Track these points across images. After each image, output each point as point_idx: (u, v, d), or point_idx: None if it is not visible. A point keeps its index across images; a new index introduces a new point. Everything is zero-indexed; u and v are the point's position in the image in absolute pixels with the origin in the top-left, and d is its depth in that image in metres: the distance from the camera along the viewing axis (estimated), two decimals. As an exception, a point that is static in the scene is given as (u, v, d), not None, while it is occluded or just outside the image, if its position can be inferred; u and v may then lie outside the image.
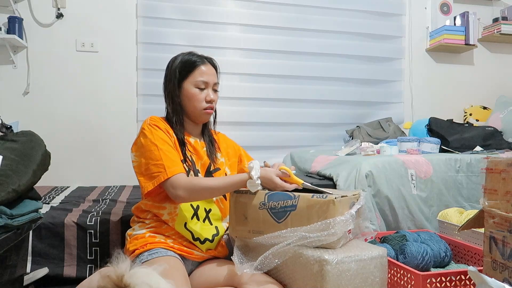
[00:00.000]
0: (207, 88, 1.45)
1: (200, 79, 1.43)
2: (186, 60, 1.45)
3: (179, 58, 1.47)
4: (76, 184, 2.55)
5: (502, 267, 1.11)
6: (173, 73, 1.45)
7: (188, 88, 1.44)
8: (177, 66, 1.45)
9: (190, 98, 1.44)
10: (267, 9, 2.96)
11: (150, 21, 2.76)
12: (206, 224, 1.43)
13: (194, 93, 1.43)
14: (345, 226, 1.15)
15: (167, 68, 1.49)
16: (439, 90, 3.34)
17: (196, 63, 1.44)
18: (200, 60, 1.45)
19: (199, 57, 1.46)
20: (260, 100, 2.93)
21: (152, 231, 1.38)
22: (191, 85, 1.43)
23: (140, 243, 1.35)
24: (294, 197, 1.22)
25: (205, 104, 1.45)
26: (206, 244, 1.40)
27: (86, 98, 2.69)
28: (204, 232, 1.41)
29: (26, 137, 1.35)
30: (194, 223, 1.40)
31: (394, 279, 1.38)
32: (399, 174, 1.99)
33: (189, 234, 1.38)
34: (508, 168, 1.10)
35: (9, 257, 1.24)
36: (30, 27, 2.61)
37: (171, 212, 1.38)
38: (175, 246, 1.35)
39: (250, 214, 1.29)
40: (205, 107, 1.45)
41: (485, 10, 3.40)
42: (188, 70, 1.44)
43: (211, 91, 1.46)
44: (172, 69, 1.46)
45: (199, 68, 1.44)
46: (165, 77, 1.50)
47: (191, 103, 1.44)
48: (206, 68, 1.45)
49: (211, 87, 1.46)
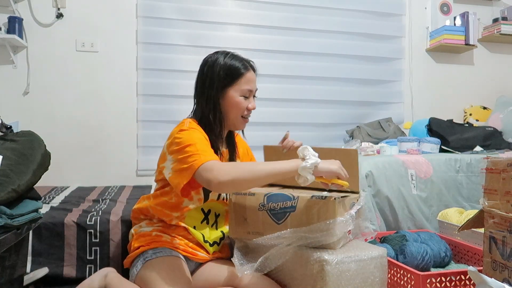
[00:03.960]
0: (250, 96, 1.40)
1: (246, 87, 1.37)
2: (230, 65, 1.37)
3: (220, 61, 1.37)
4: (76, 184, 2.55)
5: (502, 267, 1.11)
6: (216, 77, 1.35)
7: (233, 96, 1.36)
8: (221, 70, 1.36)
9: (234, 106, 1.37)
10: (267, 9, 2.96)
11: (150, 21, 2.76)
12: (213, 229, 1.44)
13: (239, 101, 1.37)
14: (345, 226, 1.15)
15: (205, 69, 1.39)
16: (439, 90, 3.34)
17: (242, 70, 1.37)
18: (245, 67, 1.38)
19: (242, 63, 1.39)
20: (260, 100, 2.90)
21: (159, 230, 1.38)
22: (237, 93, 1.36)
23: (146, 241, 1.35)
24: (293, 198, 1.22)
25: (246, 112, 1.40)
26: (214, 247, 1.42)
27: (86, 98, 2.69)
28: (212, 236, 1.42)
29: (26, 137, 1.35)
30: (203, 227, 1.40)
31: (394, 279, 1.38)
32: (399, 174, 1.99)
33: (200, 236, 1.39)
34: (508, 168, 1.10)
35: (9, 257, 1.24)
36: (30, 27, 2.61)
37: (180, 216, 1.38)
38: (180, 246, 1.35)
39: (250, 216, 1.29)
40: (245, 115, 1.41)
41: (485, 10, 3.40)
42: (234, 77, 1.36)
43: (252, 99, 1.42)
44: (215, 73, 1.36)
45: (244, 75, 1.37)
46: (202, 79, 1.39)
47: (233, 111, 1.38)
48: (250, 75, 1.39)
49: (253, 94, 1.42)
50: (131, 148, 2.76)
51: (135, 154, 2.76)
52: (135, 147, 2.76)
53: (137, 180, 2.72)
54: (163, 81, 2.78)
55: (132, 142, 2.76)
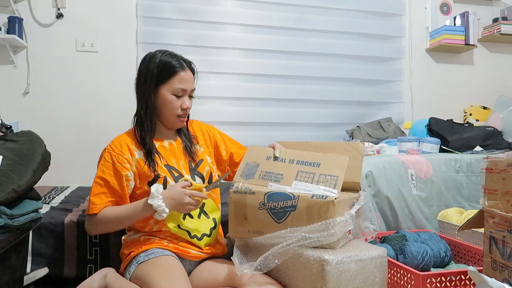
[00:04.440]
0: (184, 96, 1.40)
1: (178, 86, 1.37)
2: (165, 63, 1.37)
3: (157, 58, 1.38)
4: (76, 184, 2.55)
5: (502, 267, 1.11)
6: (150, 73, 1.37)
7: (165, 94, 1.37)
8: (155, 67, 1.37)
9: (166, 105, 1.38)
10: (267, 9, 2.95)
11: (150, 21, 2.76)
12: (202, 219, 1.42)
13: (170, 100, 1.38)
14: (345, 226, 1.15)
15: (142, 64, 1.41)
16: (439, 90, 3.34)
17: (176, 69, 1.37)
18: (180, 66, 1.38)
19: (178, 61, 1.38)
20: (260, 100, 2.93)
21: (146, 234, 1.38)
22: (168, 91, 1.37)
23: (135, 245, 1.35)
24: (294, 197, 1.22)
25: (180, 111, 1.40)
26: (204, 240, 1.39)
27: (86, 98, 2.69)
28: (200, 228, 1.40)
29: (26, 137, 1.35)
30: (188, 222, 1.38)
31: (394, 279, 1.38)
32: (399, 174, 1.99)
33: (185, 233, 1.37)
34: (508, 168, 1.10)
35: (9, 257, 1.24)
36: (30, 27, 2.61)
37: (158, 221, 1.36)
38: (170, 245, 1.35)
39: (250, 214, 1.29)
40: (180, 114, 1.40)
41: (485, 10, 3.40)
42: (167, 74, 1.36)
43: (187, 99, 1.40)
44: (149, 69, 1.37)
45: (178, 74, 1.37)
46: (138, 74, 1.41)
47: (166, 109, 1.39)
48: (185, 75, 1.38)
49: (188, 94, 1.41)
50: (131, 148, 2.75)
51: (135, 154, 2.75)
52: (135, 147, 2.76)
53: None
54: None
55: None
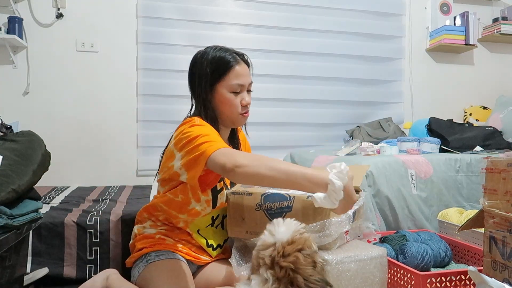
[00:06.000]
0: (242, 91, 1.31)
1: (235, 82, 1.28)
2: (218, 59, 1.28)
3: (208, 55, 1.29)
4: (76, 184, 2.55)
5: (502, 267, 1.10)
6: (203, 73, 1.28)
7: (223, 93, 1.28)
8: (208, 66, 1.27)
9: (225, 104, 1.29)
10: (267, 9, 2.96)
11: (150, 21, 2.76)
12: (219, 229, 1.41)
13: (229, 98, 1.29)
14: (340, 227, 1.14)
15: (193, 65, 1.32)
16: (439, 90, 3.34)
17: (231, 64, 1.28)
18: (234, 59, 1.29)
19: (232, 55, 1.29)
20: (260, 100, 2.93)
21: (163, 233, 1.35)
22: (226, 89, 1.28)
23: (149, 243, 1.33)
24: (289, 198, 1.21)
25: (241, 108, 1.31)
26: (217, 251, 1.40)
27: (86, 98, 2.69)
28: (216, 239, 1.40)
29: (26, 137, 1.35)
30: (208, 230, 1.38)
31: (394, 279, 1.38)
32: (399, 174, 1.98)
33: (204, 241, 1.36)
34: (508, 168, 1.10)
35: (9, 257, 1.24)
36: (30, 27, 2.61)
37: (186, 219, 1.35)
38: (183, 250, 1.34)
39: (247, 215, 1.29)
40: (242, 112, 1.32)
41: (485, 10, 3.40)
42: (222, 71, 1.27)
43: (245, 94, 1.32)
44: (202, 68, 1.28)
45: (234, 69, 1.28)
46: (191, 75, 1.32)
47: (226, 109, 1.30)
48: (240, 69, 1.29)
49: (246, 88, 1.32)
50: (131, 148, 2.76)
51: (135, 154, 2.76)
52: (135, 147, 2.76)
53: (137, 180, 2.73)
54: (163, 81, 2.78)
55: (132, 142, 2.76)
